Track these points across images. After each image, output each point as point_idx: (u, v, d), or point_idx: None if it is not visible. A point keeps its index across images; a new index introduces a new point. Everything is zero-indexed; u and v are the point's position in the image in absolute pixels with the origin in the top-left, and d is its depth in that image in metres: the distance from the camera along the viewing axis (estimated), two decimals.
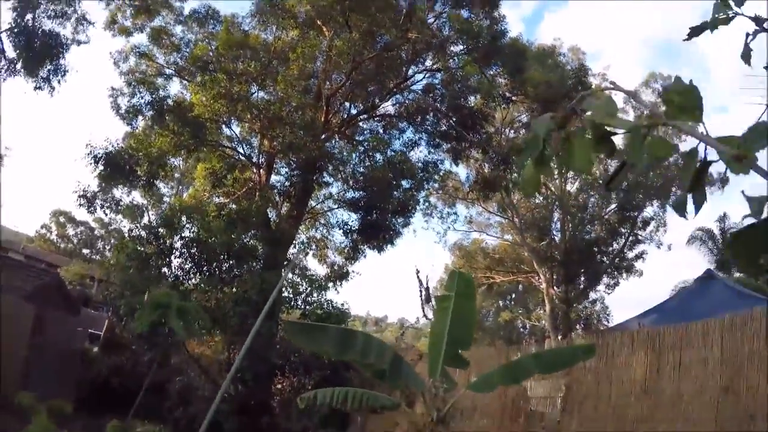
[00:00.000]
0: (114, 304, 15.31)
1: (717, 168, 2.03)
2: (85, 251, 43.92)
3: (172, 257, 15.47)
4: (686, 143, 30.71)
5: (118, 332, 16.61)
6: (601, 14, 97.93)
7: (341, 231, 20.42)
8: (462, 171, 27.18)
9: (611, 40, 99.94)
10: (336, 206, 21.22)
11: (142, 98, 17.51)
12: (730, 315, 6.45)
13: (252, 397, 13.40)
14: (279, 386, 14.96)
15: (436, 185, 23.77)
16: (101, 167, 16.62)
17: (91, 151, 16.60)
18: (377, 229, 18.57)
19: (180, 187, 30.15)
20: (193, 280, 15.52)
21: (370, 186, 17.77)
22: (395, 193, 18.51)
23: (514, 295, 38.41)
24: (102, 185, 17.60)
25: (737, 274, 25.96)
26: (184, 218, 15.45)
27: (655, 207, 30.48)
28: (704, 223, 30.54)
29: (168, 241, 15.37)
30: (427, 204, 28.04)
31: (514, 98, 18.84)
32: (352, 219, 19.77)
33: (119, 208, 17.49)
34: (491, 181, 19.32)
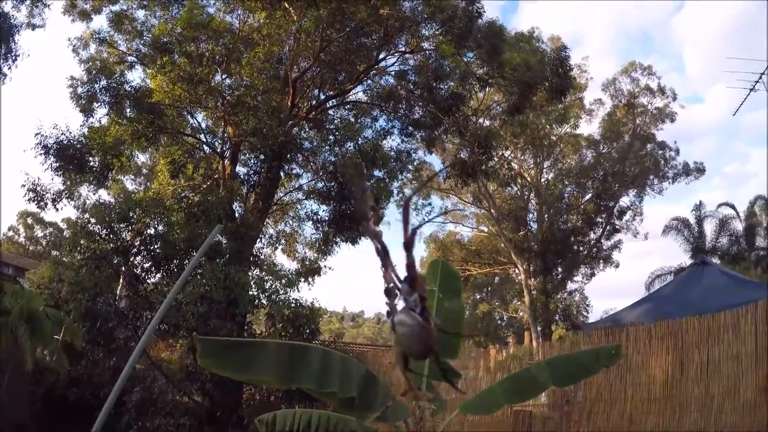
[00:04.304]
0: (64, 307, 13.94)
1: (693, 157, 1.18)
2: (55, 253, 42.12)
3: (130, 254, 14.25)
4: (663, 132, 30.80)
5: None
6: (575, 4, 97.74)
7: (311, 222, 19.49)
8: (436, 161, 26.45)
9: (587, 29, 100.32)
10: (305, 197, 20.26)
11: (98, 83, 16.17)
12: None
13: (218, 409, 12.22)
14: (247, 395, 13.81)
15: (410, 175, 22.86)
16: (52, 158, 15.28)
17: (41, 141, 15.20)
18: (350, 221, 17.62)
19: (147, 183, 28.89)
20: (153, 279, 14.33)
21: (342, 176, 16.76)
22: (368, 183, 17.55)
23: (490, 288, 37.73)
24: (66, 183, 16.29)
25: (716, 261, 25.90)
26: (139, 212, 14.19)
27: (632, 196, 30.30)
28: (679, 212, 30.75)
29: (126, 237, 14.13)
30: (401, 195, 27.45)
31: (491, 81, 17.92)
32: (323, 210, 18.78)
33: (85, 206, 16.23)
34: (469, 166, 18.42)
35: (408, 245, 2.46)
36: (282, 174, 18.54)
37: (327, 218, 18.58)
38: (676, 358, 6.03)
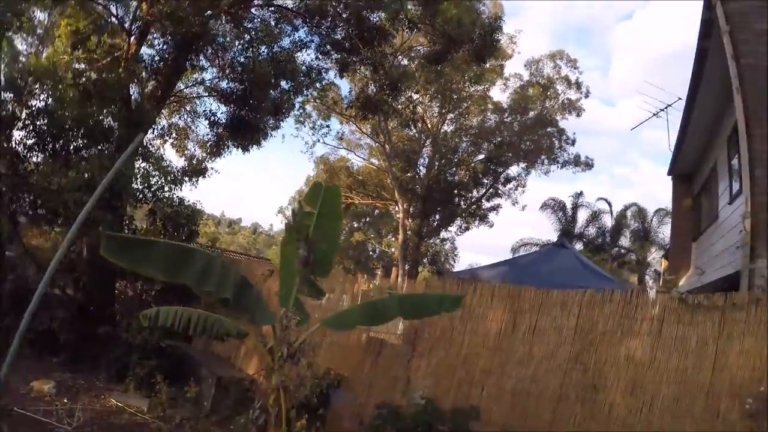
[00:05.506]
0: None
1: (585, 151, 1.89)
2: None
3: (14, 129, 12.94)
4: (567, 122, 32.70)
5: None
6: None
7: (207, 122, 18.96)
8: (345, 85, 26.46)
9: (532, 4, 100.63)
10: (207, 94, 19.60)
11: None
12: (591, 292, 6.73)
13: (91, 304, 12.06)
14: (122, 292, 13.66)
15: (316, 93, 22.76)
16: None
17: None
18: (246, 127, 17.46)
19: (40, 47, 26.01)
20: (35, 159, 13.19)
21: (248, 79, 16.44)
22: (273, 92, 17.36)
23: (369, 219, 39.05)
24: None
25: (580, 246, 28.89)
26: (31, 80, 13.07)
27: (520, 168, 32.36)
28: (560, 194, 33.67)
29: (11, 108, 12.82)
30: (302, 111, 27.43)
31: (420, 26, 18.09)
32: (222, 111, 18.37)
33: None
34: (374, 102, 18.72)
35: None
36: (187, 65, 17.78)
37: (224, 120, 18.27)
38: (510, 318, 7.19)
